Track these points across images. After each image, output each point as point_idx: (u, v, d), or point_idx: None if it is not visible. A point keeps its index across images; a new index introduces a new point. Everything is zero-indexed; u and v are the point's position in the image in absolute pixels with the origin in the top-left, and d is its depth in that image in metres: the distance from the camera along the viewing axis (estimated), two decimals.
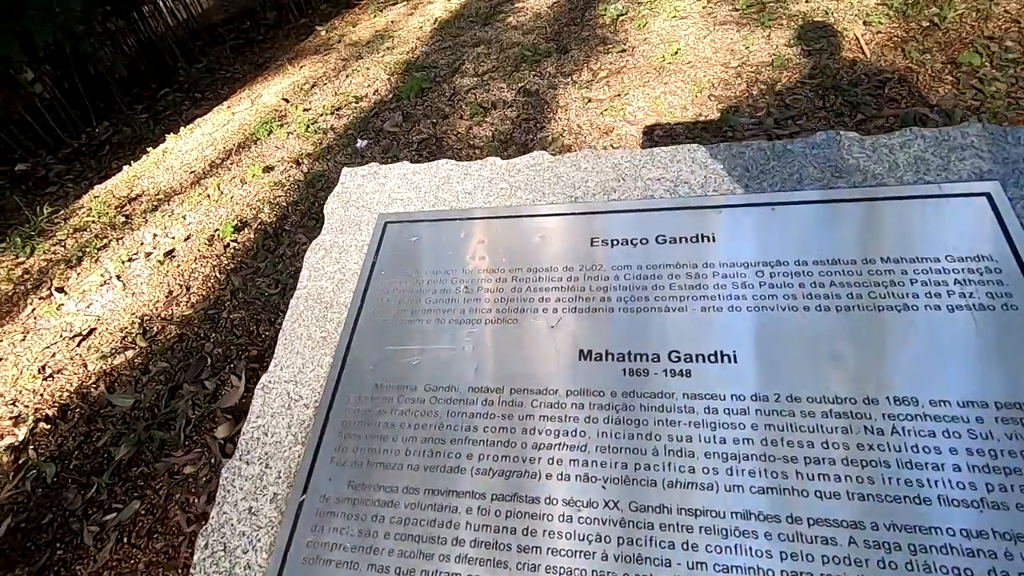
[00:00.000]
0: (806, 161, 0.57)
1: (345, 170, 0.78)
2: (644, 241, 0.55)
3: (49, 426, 1.74)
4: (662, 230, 0.55)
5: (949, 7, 2.43)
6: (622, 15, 3.10)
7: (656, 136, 2.18)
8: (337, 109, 3.00)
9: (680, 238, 0.54)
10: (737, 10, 2.87)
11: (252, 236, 2.26)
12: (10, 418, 1.79)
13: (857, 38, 2.40)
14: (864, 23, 2.49)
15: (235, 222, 2.33)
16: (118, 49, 3.91)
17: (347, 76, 3.31)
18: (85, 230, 2.59)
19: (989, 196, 0.53)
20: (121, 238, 2.47)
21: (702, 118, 2.22)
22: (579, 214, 0.59)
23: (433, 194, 0.66)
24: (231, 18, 4.81)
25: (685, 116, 2.25)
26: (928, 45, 2.26)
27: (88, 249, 2.43)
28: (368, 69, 3.30)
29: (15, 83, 3.31)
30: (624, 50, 2.79)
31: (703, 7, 2.99)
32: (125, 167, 3.08)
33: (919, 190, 0.51)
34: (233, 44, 4.41)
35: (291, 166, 2.64)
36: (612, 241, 0.56)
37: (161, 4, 4.29)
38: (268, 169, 2.65)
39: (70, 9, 3.18)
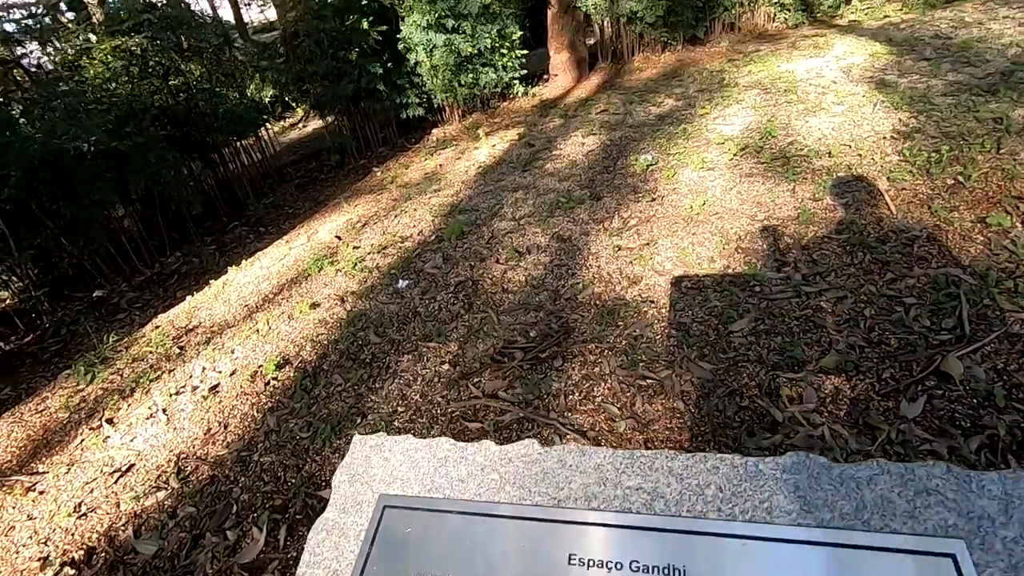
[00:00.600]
0: (776, 487, 0.58)
1: (356, 438, 0.82)
2: (619, 566, 0.56)
3: (73, 571, 1.75)
4: (637, 555, 0.56)
5: (973, 166, 2.49)
6: (652, 165, 3.32)
7: (684, 288, 2.23)
8: (384, 248, 3.23)
9: (653, 567, 0.55)
10: (762, 163, 3.03)
11: (292, 374, 2.36)
12: (39, 559, 1.81)
13: (882, 193, 2.47)
14: (888, 179, 2.58)
15: (278, 359, 2.45)
16: (198, 188, 4.42)
17: (396, 216, 3.60)
18: (143, 360, 2.77)
19: (954, 558, 0.49)
20: (173, 370, 2.62)
21: (730, 271, 2.26)
22: (561, 522, 0.61)
23: (431, 477, 0.70)
24: (300, 159, 5.42)
25: (713, 268, 2.30)
26: (955, 203, 2.30)
27: (142, 380, 2.58)
28: (415, 210, 3.58)
29: (107, 219, 3.74)
30: (654, 199, 2.95)
31: (729, 159, 3.17)
32: (188, 297, 3.34)
33: (885, 541, 0.50)
34: (299, 182, 4.93)
35: (336, 303, 2.80)
36: (589, 562, 0.57)
37: (239, 146, 4.88)
38: (315, 306, 2.81)
39: (164, 161, 3.66)
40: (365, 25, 4.42)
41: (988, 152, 2.60)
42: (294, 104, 6.01)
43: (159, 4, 4.19)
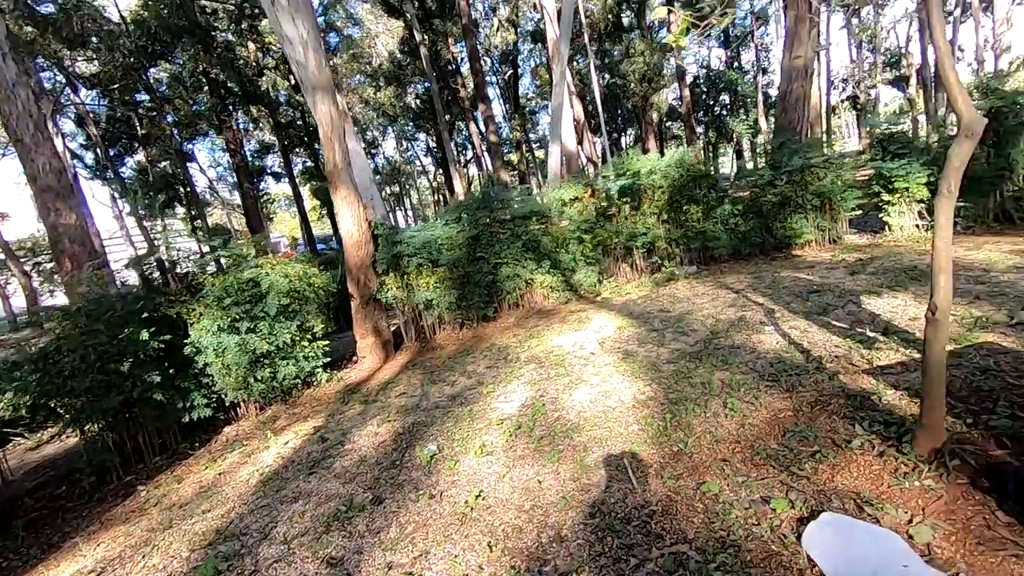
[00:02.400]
0: None
1: None
2: None
3: None
4: None
5: (689, 432, 2.94)
6: (436, 456, 3.36)
7: None
8: None
9: None
10: (533, 443, 3.24)
11: None
12: None
13: (626, 467, 2.73)
14: (630, 451, 2.89)
15: None
16: None
17: (145, 556, 3.01)
18: None
19: None
20: None
21: None
22: None
23: None
24: (47, 482, 4.53)
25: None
26: (679, 471, 2.61)
27: None
28: (171, 544, 3.05)
29: None
30: (433, 496, 2.90)
31: (505, 441, 3.35)
32: None
33: None
34: (35, 516, 4.02)
35: None
36: None
37: None
38: None
39: None
40: (145, 336, 4.32)
41: (700, 416, 3.11)
42: (47, 421, 5.29)
43: None
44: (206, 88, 20.54)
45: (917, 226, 6.59)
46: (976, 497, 2.05)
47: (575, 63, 26.53)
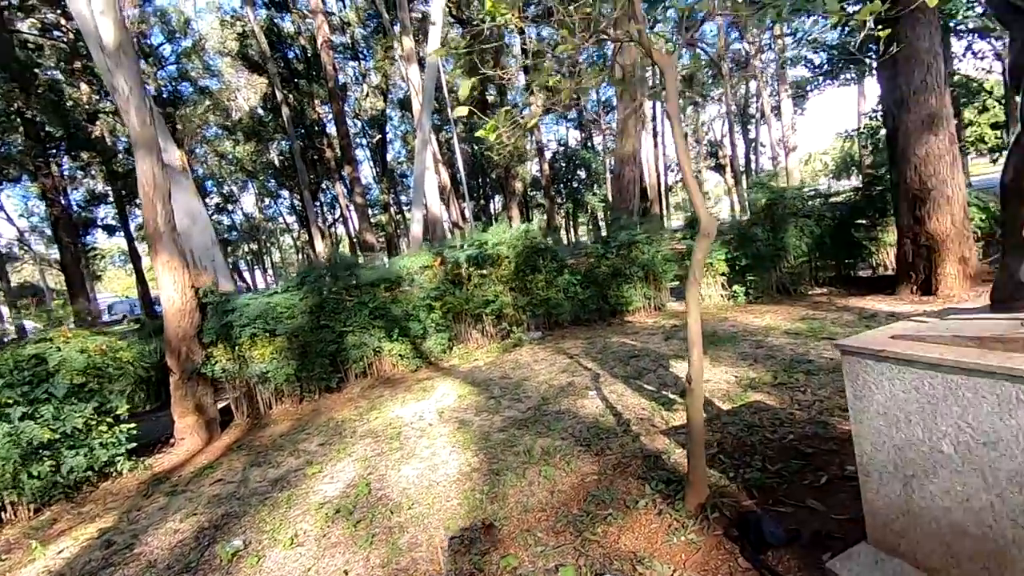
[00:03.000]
0: None
1: None
2: None
3: None
4: None
5: (503, 504, 3.01)
6: (239, 551, 3.06)
7: None
8: None
9: None
10: (350, 528, 3.09)
11: None
12: None
13: (438, 549, 2.71)
14: (444, 528, 2.88)
15: None
16: None
17: None
18: None
19: None
20: None
21: None
22: None
23: None
24: None
25: None
26: (487, 546, 2.64)
27: None
28: None
29: None
30: None
31: (321, 528, 3.16)
32: None
33: None
34: None
35: None
36: None
37: None
38: None
39: None
40: None
41: (516, 486, 3.21)
42: None
43: None
44: (21, 129, 18.06)
45: (722, 295, 7.65)
46: (727, 547, 2.34)
47: (444, 132, 27.70)
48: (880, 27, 2.82)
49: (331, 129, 28.12)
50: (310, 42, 25.55)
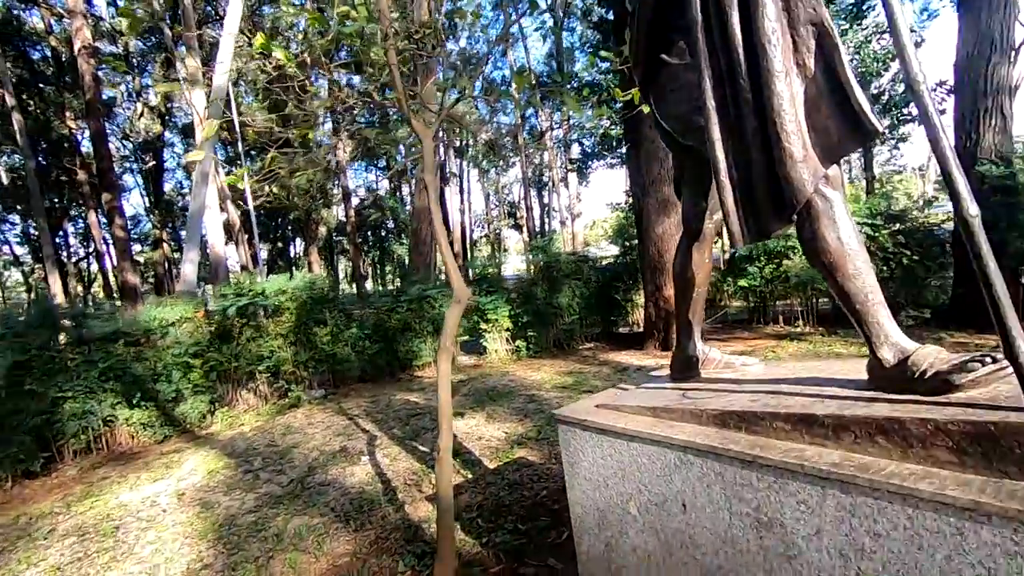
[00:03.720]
0: None
1: None
2: None
3: None
4: None
5: None
6: None
7: None
8: None
9: None
10: None
11: None
12: None
13: None
14: None
15: None
16: None
17: None
18: None
19: None
20: None
21: None
22: None
23: None
24: None
25: None
26: None
27: None
28: None
29: None
30: None
31: None
32: None
33: None
34: None
35: None
36: None
37: None
38: None
39: None
40: None
41: None
42: None
43: None
44: None
45: (507, 350, 8.08)
46: None
47: (238, 166, 25.26)
48: (621, 126, 3.33)
49: (89, 148, 23.64)
50: (66, 45, 21.52)
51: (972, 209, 1.16)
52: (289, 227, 34.23)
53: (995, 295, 1.14)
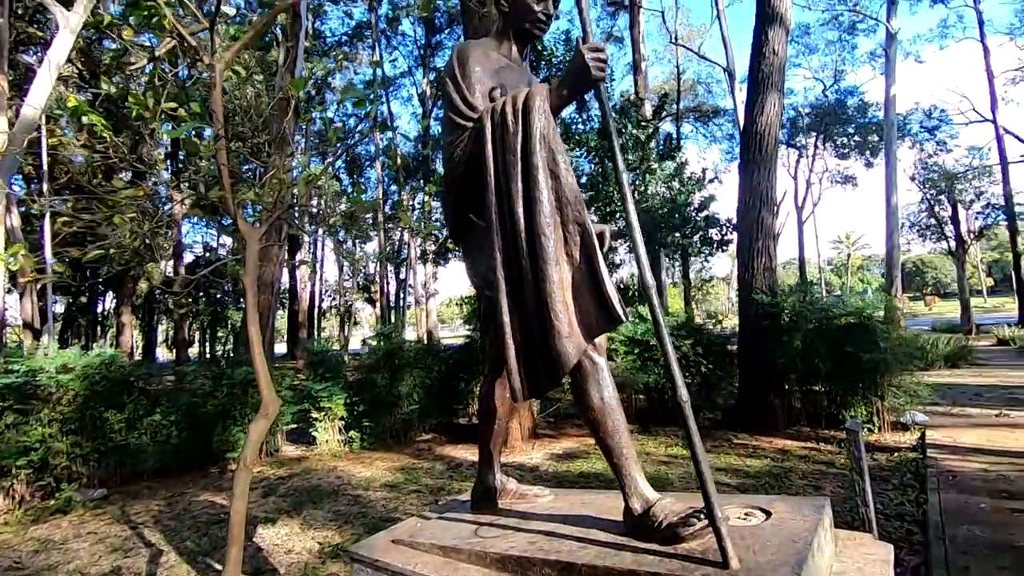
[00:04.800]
0: None
1: None
2: None
3: None
4: None
5: None
6: None
7: None
8: None
9: None
10: None
11: None
12: None
13: None
14: None
15: None
16: None
17: None
18: None
19: None
20: None
21: None
22: None
23: None
24: None
25: None
26: None
27: None
28: None
29: None
30: None
31: None
32: None
33: None
34: None
35: None
36: None
37: None
38: None
39: None
40: None
41: None
42: None
43: None
44: None
45: (339, 441, 7.62)
46: None
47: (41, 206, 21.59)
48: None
49: None
50: None
51: (683, 395, 1.46)
52: (99, 279, 29.58)
53: (700, 471, 1.42)
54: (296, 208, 3.66)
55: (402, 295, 33.36)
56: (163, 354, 38.74)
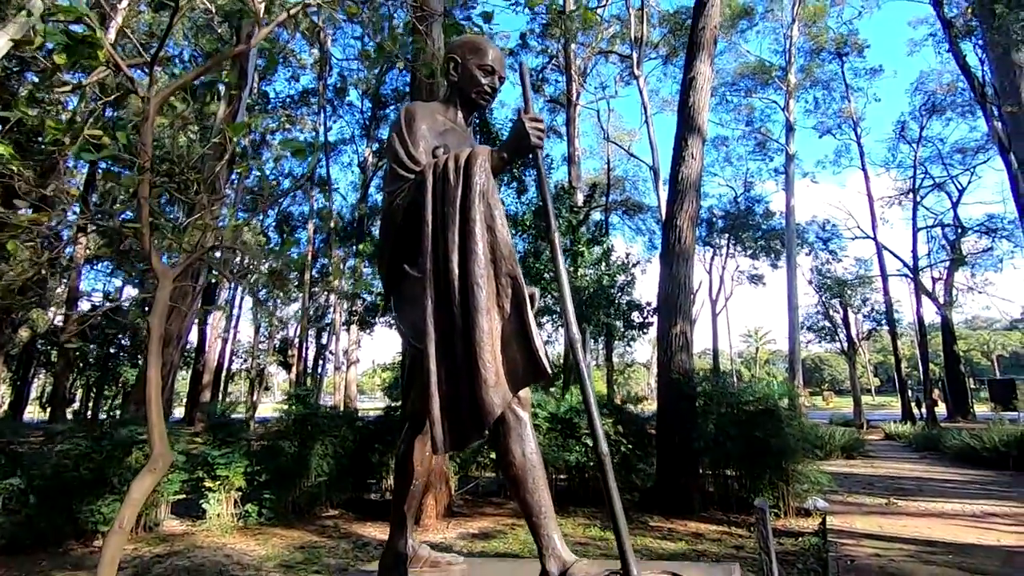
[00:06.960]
0: None
1: None
2: None
3: None
4: None
5: None
6: None
7: None
8: None
9: None
10: None
11: None
12: None
13: None
14: None
15: None
16: None
17: None
18: None
19: None
20: None
21: None
22: None
23: None
24: None
25: None
26: None
27: None
28: None
29: None
30: None
31: None
32: None
33: None
34: None
35: None
36: None
37: None
38: None
39: None
40: None
41: None
42: None
43: None
44: None
45: (233, 514, 6.87)
46: None
47: None
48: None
49: None
50: None
51: (603, 448, 1.48)
52: None
53: (617, 527, 1.42)
54: (220, 250, 3.51)
55: (321, 361, 31.77)
56: (34, 414, 34.18)
